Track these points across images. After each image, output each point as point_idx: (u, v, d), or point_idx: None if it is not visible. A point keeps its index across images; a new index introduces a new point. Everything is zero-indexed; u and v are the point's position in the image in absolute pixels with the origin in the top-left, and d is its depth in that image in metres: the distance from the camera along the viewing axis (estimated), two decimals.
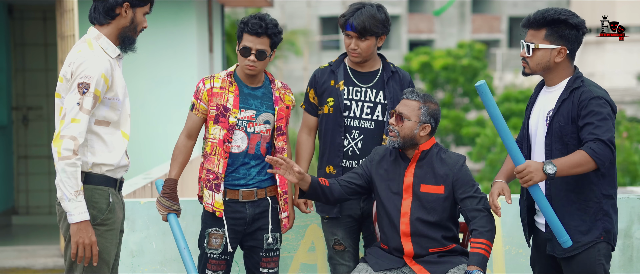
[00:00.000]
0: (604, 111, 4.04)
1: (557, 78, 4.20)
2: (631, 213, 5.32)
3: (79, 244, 3.92)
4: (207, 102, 4.60)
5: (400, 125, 4.51)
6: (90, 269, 4.00)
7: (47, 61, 10.28)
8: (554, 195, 4.17)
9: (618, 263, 5.33)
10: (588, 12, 40.99)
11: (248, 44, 4.53)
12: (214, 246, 4.62)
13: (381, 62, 4.93)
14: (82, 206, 3.91)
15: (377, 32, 4.75)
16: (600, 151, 3.99)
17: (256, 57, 4.53)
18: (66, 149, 3.87)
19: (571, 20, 4.12)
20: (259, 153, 4.64)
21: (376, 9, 4.76)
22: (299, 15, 41.66)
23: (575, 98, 4.10)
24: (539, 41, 4.16)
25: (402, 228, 4.52)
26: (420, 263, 4.51)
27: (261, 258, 4.66)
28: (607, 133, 4.00)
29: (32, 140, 10.32)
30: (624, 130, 22.47)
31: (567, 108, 4.11)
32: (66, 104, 3.92)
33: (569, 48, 4.15)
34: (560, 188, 4.16)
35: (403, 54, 38.14)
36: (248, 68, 4.55)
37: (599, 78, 39.23)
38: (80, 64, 3.95)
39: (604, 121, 4.02)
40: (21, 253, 8.53)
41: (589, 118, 4.03)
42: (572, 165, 3.98)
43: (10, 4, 10.14)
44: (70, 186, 3.88)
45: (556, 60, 4.15)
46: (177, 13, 9.54)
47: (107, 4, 4.07)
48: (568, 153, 4.06)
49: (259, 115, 4.62)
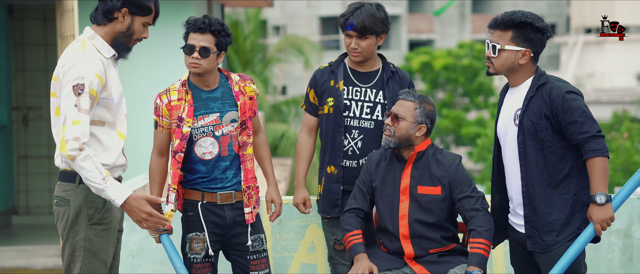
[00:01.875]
0: (580, 104, 4.15)
1: (521, 79, 4.30)
2: (631, 213, 5.32)
3: (140, 223, 4.00)
4: (168, 116, 4.50)
5: (396, 125, 4.51)
6: (87, 268, 4.01)
7: (47, 61, 10.28)
8: (531, 191, 4.25)
9: (618, 263, 5.33)
10: (588, 12, 41.01)
11: (191, 41, 4.44)
12: (196, 250, 4.55)
13: (381, 62, 4.93)
14: (117, 189, 3.94)
15: (377, 30, 4.75)
16: (600, 146, 4.12)
17: (200, 54, 4.41)
18: (72, 149, 3.88)
19: (537, 24, 4.22)
20: (233, 153, 4.55)
21: (375, 7, 4.76)
22: (299, 15, 41.68)
23: (544, 95, 4.21)
24: (505, 42, 4.25)
25: (401, 230, 4.51)
26: (420, 262, 4.51)
27: (249, 261, 4.59)
28: (594, 125, 4.15)
29: (32, 140, 10.32)
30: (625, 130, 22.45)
31: (536, 104, 4.21)
32: (64, 108, 3.92)
33: (534, 51, 4.26)
34: (537, 184, 4.23)
35: (403, 54, 38.15)
36: (192, 66, 4.43)
37: (599, 78, 39.22)
38: (72, 66, 3.94)
39: (584, 115, 4.14)
40: (21, 253, 8.53)
41: (570, 117, 4.15)
42: (601, 178, 4.12)
43: (10, 4, 10.14)
44: (95, 178, 3.90)
45: (520, 61, 4.25)
46: (177, 13, 9.54)
47: (106, 5, 4.06)
48: (543, 150, 4.20)
49: (223, 115, 4.52)
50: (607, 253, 5.32)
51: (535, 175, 4.22)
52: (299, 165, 4.92)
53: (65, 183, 4.05)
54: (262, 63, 24.06)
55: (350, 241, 4.53)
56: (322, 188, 4.91)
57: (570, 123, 4.15)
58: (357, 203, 4.63)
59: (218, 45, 4.45)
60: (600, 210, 4.13)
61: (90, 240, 4.01)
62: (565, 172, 4.22)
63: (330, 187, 4.87)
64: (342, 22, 4.78)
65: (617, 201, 4.23)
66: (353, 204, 4.64)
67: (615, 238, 5.32)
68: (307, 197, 4.95)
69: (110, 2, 4.05)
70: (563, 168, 4.22)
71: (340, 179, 4.85)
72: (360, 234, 4.56)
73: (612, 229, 5.31)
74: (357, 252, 4.48)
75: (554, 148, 4.21)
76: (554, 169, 4.22)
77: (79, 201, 4.01)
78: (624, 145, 21.31)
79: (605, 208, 4.13)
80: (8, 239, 9.39)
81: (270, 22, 41.02)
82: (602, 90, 36.87)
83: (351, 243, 4.52)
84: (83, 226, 4.00)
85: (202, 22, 4.42)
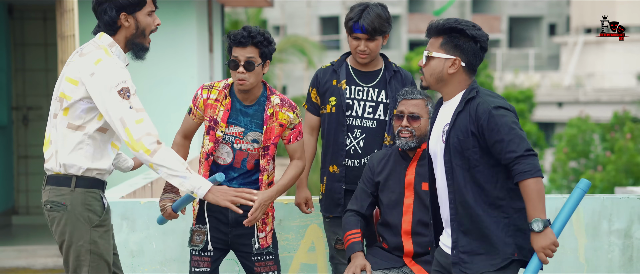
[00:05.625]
0: (507, 121, 3.77)
1: (453, 92, 3.93)
2: (631, 213, 5.32)
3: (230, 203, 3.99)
4: (203, 110, 4.53)
5: (415, 125, 4.53)
6: (95, 270, 4.00)
7: (47, 61, 10.28)
8: (459, 213, 3.87)
9: (618, 263, 5.33)
10: (588, 12, 41.03)
11: (236, 54, 4.40)
12: (196, 242, 4.58)
13: (383, 62, 4.94)
14: (198, 178, 3.94)
15: (385, 30, 4.78)
16: (530, 167, 3.72)
17: (245, 68, 4.38)
18: (151, 143, 3.87)
19: (469, 31, 3.86)
20: (245, 169, 4.54)
21: (380, 7, 4.77)
22: (299, 15, 41.68)
23: (471, 110, 3.83)
24: (434, 49, 3.91)
25: (403, 226, 4.53)
26: (419, 263, 4.52)
27: (254, 263, 4.58)
28: (522, 143, 3.75)
29: (32, 140, 10.32)
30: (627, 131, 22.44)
31: (463, 120, 3.84)
32: (117, 114, 3.85)
33: (465, 60, 3.88)
34: (465, 206, 3.85)
35: (403, 54, 38.16)
36: (239, 83, 4.40)
37: (599, 78, 39.23)
38: (107, 72, 3.88)
39: (511, 132, 3.75)
40: (21, 253, 8.53)
41: (496, 135, 3.77)
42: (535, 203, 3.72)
43: (10, 4, 10.14)
44: (177, 168, 3.89)
45: (449, 71, 3.89)
46: (177, 13, 9.54)
47: (104, 20, 3.99)
48: (470, 169, 3.83)
49: (247, 133, 4.50)
50: (607, 253, 5.32)
51: (463, 197, 3.84)
52: None
53: (59, 187, 4.02)
54: None
55: (348, 239, 4.55)
56: (325, 187, 4.92)
57: (497, 141, 3.76)
58: (358, 204, 4.64)
59: (262, 55, 4.41)
60: (540, 238, 3.72)
61: (95, 243, 3.99)
62: (496, 194, 3.83)
63: (333, 186, 4.88)
64: (350, 25, 4.77)
65: (558, 225, 3.82)
66: (354, 204, 4.65)
67: (616, 238, 5.32)
68: (308, 197, 4.95)
69: (106, 16, 3.99)
70: (492, 190, 3.83)
71: (342, 178, 4.85)
72: (360, 233, 4.57)
73: (612, 229, 5.31)
74: (354, 250, 4.50)
75: (482, 167, 3.82)
76: (483, 191, 3.83)
77: (77, 205, 3.99)
78: (626, 146, 21.29)
79: (545, 235, 3.71)
80: (8, 239, 9.38)
81: (270, 22, 41.01)
82: (602, 90, 36.87)
83: (350, 241, 4.54)
84: (86, 229, 3.98)
85: (242, 36, 4.37)
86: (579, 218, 5.29)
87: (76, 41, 7.35)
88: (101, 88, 3.87)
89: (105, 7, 3.98)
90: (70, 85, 3.95)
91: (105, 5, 3.97)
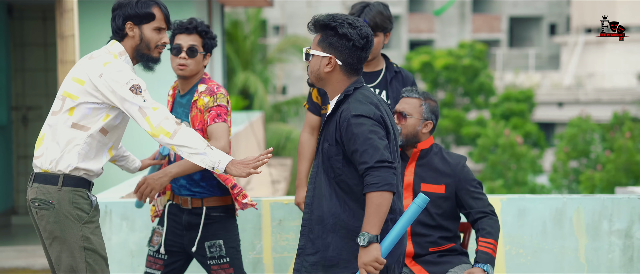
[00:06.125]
0: (364, 131, 3.62)
1: (333, 92, 3.78)
2: (631, 213, 5.32)
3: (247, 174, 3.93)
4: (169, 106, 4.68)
5: (402, 122, 4.52)
6: (92, 267, 4.00)
7: (47, 61, 10.27)
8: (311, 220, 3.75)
9: (618, 263, 5.32)
10: (588, 12, 41.02)
11: (179, 41, 4.52)
12: (153, 243, 4.63)
13: (384, 62, 4.93)
14: (218, 153, 3.93)
15: (387, 27, 4.78)
16: (377, 179, 3.58)
17: (187, 54, 4.49)
18: (170, 126, 3.92)
19: (340, 29, 3.69)
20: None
21: (381, 5, 4.78)
22: (299, 15, 41.66)
23: (338, 116, 3.70)
24: (313, 46, 3.78)
25: None
26: (419, 263, 4.51)
27: (209, 266, 4.58)
28: (375, 154, 3.59)
29: (32, 140, 10.31)
30: (626, 130, 22.48)
31: (332, 126, 3.73)
32: (134, 106, 3.94)
33: (341, 59, 3.71)
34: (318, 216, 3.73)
35: (403, 54, 38.17)
36: (180, 68, 4.50)
37: (600, 78, 39.24)
38: (117, 72, 3.97)
39: (366, 142, 3.60)
40: (21, 253, 8.52)
41: (353, 145, 3.63)
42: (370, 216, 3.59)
43: (10, 3, 10.14)
44: (199, 145, 3.90)
45: (325, 70, 3.73)
46: (177, 13, 9.52)
47: (113, 25, 4.12)
48: (336, 179, 3.70)
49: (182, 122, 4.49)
50: (607, 253, 5.31)
51: (319, 205, 3.72)
52: (300, 165, 4.92)
53: (46, 185, 4.01)
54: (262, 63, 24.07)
55: None
56: None
57: (353, 151, 3.63)
58: None
59: (204, 46, 4.54)
60: (362, 252, 3.59)
61: (88, 239, 4.01)
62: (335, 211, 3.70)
63: None
64: None
65: (388, 242, 3.67)
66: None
67: (616, 238, 5.31)
68: None
69: (114, 23, 4.11)
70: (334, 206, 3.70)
71: None
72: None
73: (612, 229, 5.31)
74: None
75: (345, 178, 3.70)
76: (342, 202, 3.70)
77: (64, 203, 4.00)
78: (626, 145, 21.33)
79: (368, 250, 3.57)
80: (8, 239, 9.37)
81: (270, 22, 41.03)
82: (602, 90, 36.88)
83: None
84: (77, 226, 3.99)
85: (189, 23, 4.53)
86: (579, 218, 5.29)
87: (76, 41, 7.34)
88: (114, 86, 3.96)
89: (116, 13, 4.12)
90: (77, 85, 4.02)
91: (117, 11, 4.11)
